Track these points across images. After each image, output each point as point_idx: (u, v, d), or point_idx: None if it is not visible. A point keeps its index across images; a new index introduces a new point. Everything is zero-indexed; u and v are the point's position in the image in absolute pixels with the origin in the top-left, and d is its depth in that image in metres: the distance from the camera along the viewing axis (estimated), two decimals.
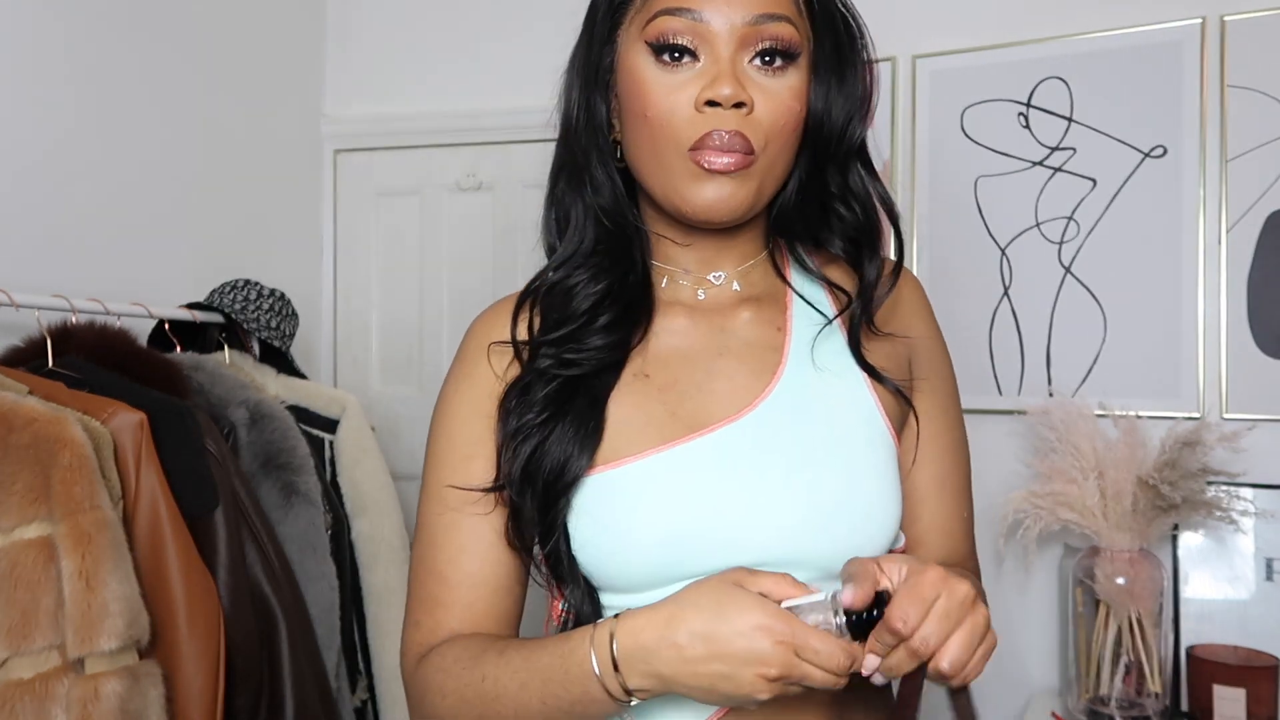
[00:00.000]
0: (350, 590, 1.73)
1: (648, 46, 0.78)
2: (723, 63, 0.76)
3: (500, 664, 0.74)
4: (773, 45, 0.77)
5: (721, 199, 0.77)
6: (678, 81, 0.77)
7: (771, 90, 0.78)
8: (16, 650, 1.10)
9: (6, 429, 1.14)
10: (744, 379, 0.82)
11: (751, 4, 0.77)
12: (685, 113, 0.77)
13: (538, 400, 0.80)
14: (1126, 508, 1.64)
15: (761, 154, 0.77)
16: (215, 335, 1.78)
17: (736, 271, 0.87)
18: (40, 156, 1.68)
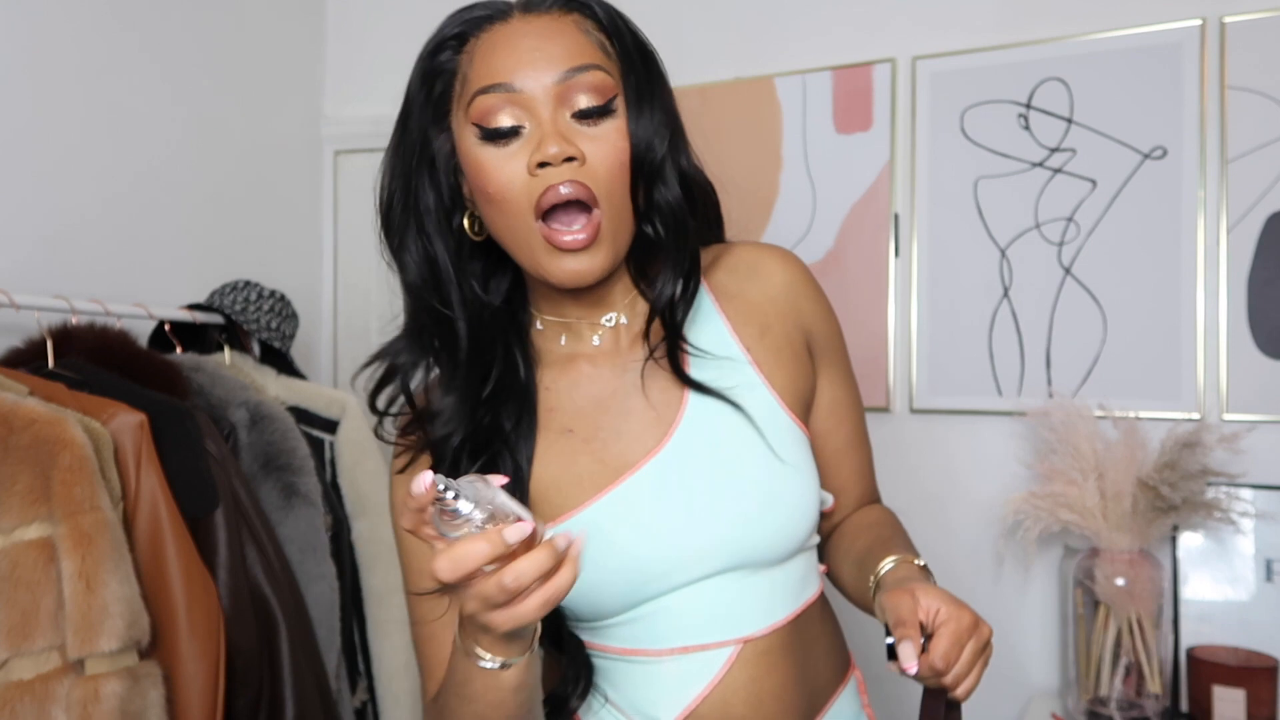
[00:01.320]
0: (350, 591, 1.73)
1: (476, 128, 0.82)
2: (545, 124, 0.80)
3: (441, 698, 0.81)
4: (589, 100, 0.81)
5: (582, 270, 0.82)
6: (510, 153, 0.81)
7: (597, 137, 0.81)
8: (17, 651, 1.10)
9: (7, 430, 1.15)
10: (655, 412, 0.88)
11: (558, 60, 0.80)
12: (521, 180, 0.80)
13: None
14: (1126, 509, 1.65)
15: (606, 203, 0.81)
16: (215, 336, 1.78)
17: (624, 306, 0.92)
18: (40, 157, 1.68)
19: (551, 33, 0.82)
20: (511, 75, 0.80)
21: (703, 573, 0.85)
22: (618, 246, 0.84)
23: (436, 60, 0.87)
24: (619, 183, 0.82)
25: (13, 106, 1.63)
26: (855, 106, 2.02)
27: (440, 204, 0.88)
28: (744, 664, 0.85)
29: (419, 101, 0.89)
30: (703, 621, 0.85)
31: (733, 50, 2.15)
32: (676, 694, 0.86)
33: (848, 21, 2.05)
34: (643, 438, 0.87)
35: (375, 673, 1.75)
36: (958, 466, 1.94)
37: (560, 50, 0.81)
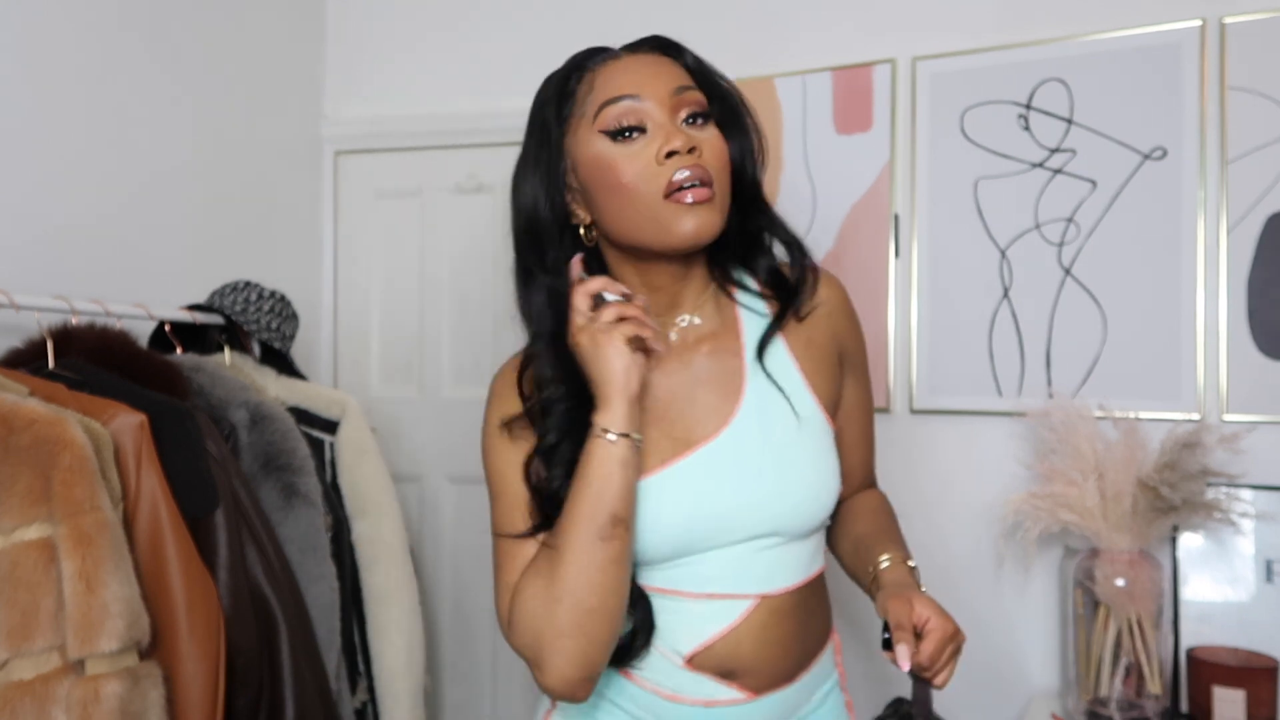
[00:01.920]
0: (350, 591, 1.73)
1: (603, 134, 0.99)
2: (667, 126, 0.98)
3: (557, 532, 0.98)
4: (694, 109, 1.00)
5: (701, 225, 0.97)
6: (636, 150, 0.98)
7: (705, 139, 1.00)
8: (17, 651, 1.11)
9: (7, 430, 1.15)
10: (716, 401, 1.05)
11: (668, 80, 1.00)
12: (651, 170, 0.97)
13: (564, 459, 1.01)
14: (1126, 509, 1.65)
15: (717, 186, 0.99)
16: (216, 337, 1.78)
17: (696, 308, 1.09)
18: (41, 158, 1.68)
19: (657, 64, 1.02)
20: (634, 89, 0.99)
21: (741, 537, 1.03)
22: (722, 219, 0.99)
23: (566, 87, 1.04)
24: (724, 173, 1.00)
25: (13, 107, 1.63)
26: (855, 107, 2.02)
27: (563, 218, 1.06)
28: (758, 615, 1.04)
29: (553, 120, 1.05)
30: (732, 576, 1.04)
31: (733, 50, 2.15)
32: (698, 630, 1.04)
33: (848, 22, 2.05)
34: (705, 423, 1.05)
35: (375, 673, 1.75)
36: (957, 467, 1.94)
37: (668, 74, 1.00)
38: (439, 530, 2.42)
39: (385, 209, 2.48)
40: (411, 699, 1.77)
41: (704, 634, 1.04)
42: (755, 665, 1.05)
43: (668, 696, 1.06)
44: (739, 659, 1.04)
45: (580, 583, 0.94)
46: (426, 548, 2.42)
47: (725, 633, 1.04)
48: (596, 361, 0.96)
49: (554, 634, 0.95)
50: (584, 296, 0.98)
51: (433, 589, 2.40)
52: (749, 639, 1.04)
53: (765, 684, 1.06)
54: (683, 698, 1.05)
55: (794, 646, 1.08)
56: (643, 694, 1.07)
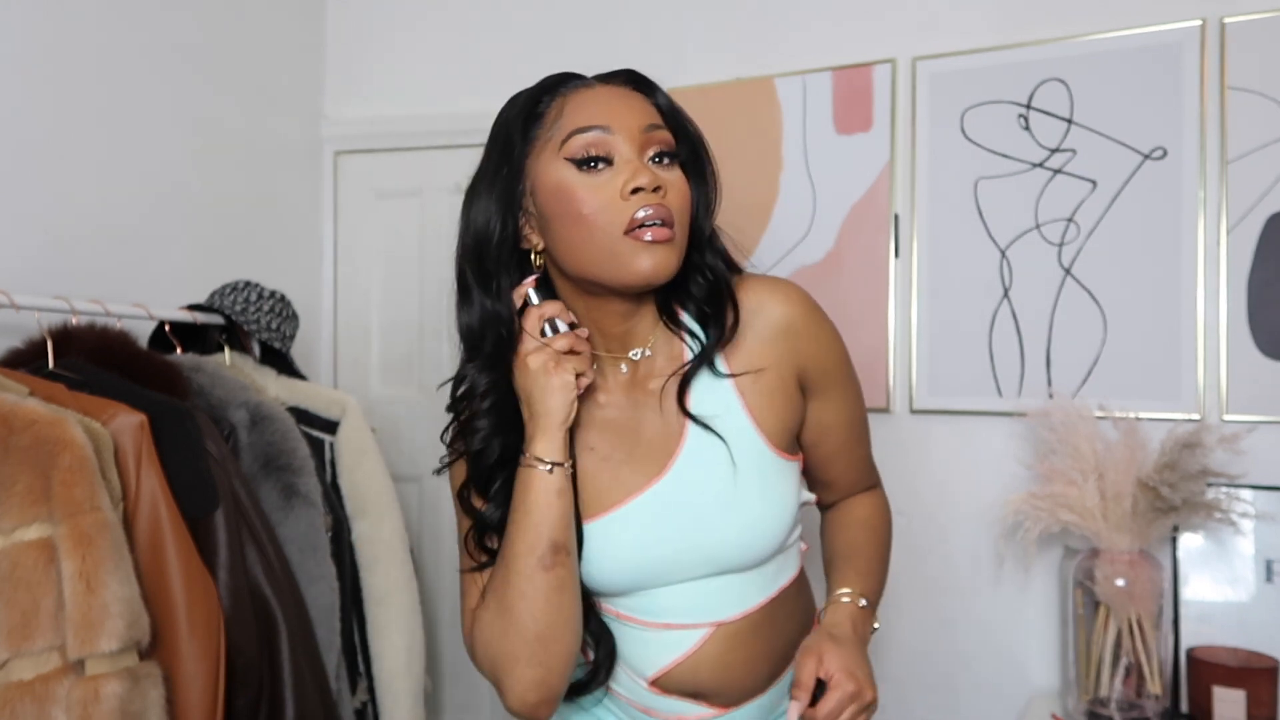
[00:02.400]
0: (350, 591, 1.73)
1: (569, 162, 0.96)
2: (634, 161, 0.96)
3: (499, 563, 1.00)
4: (662, 148, 0.98)
5: (658, 264, 0.95)
6: (600, 182, 0.95)
7: (671, 180, 0.98)
8: (17, 651, 1.11)
9: (7, 430, 1.15)
10: (660, 442, 1.04)
11: (640, 116, 0.98)
12: (614, 204, 0.94)
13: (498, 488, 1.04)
14: (1126, 509, 1.65)
15: (678, 227, 0.96)
16: (215, 337, 1.78)
17: (648, 342, 1.06)
18: (41, 158, 1.68)
19: (629, 98, 1.00)
20: (605, 120, 0.96)
21: (688, 576, 1.04)
22: (678, 260, 0.97)
23: (536, 108, 1.01)
24: (685, 215, 0.99)
25: (13, 107, 1.63)
26: (855, 107, 2.02)
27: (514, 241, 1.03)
28: (715, 642, 1.05)
29: (518, 139, 1.02)
30: (684, 608, 1.04)
31: (733, 50, 2.15)
32: (657, 657, 1.05)
33: (848, 22, 2.05)
34: (649, 464, 1.04)
35: (375, 673, 1.75)
36: (958, 467, 1.94)
37: (639, 110, 0.98)
38: (439, 530, 2.41)
39: (385, 209, 2.48)
40: (411, 699, 1.77)
41: (663, 660, 1.05)
42: (718, 687, 1.06)
43: (642, 710, 1.09)
44: (700, 682, 1.06)
45: (528, 612, 0.96)
46: (426, 548, 2.42)
47: (682, 659, 1.05)
48: (541, 390, 0.96)
49: (510, 661, 0.97)
50: (537, 320, 0.98)
51: (433, 589, 2.40)
52: (706, 664, 1.05)
53: (734, 700, 1.07)
54: (656, 713, 1.08)
55: (759, 664, 1.08)
56: (622, 706, 1.11)
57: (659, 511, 1.03)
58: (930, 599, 1.97)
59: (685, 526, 1.02)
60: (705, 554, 1.03)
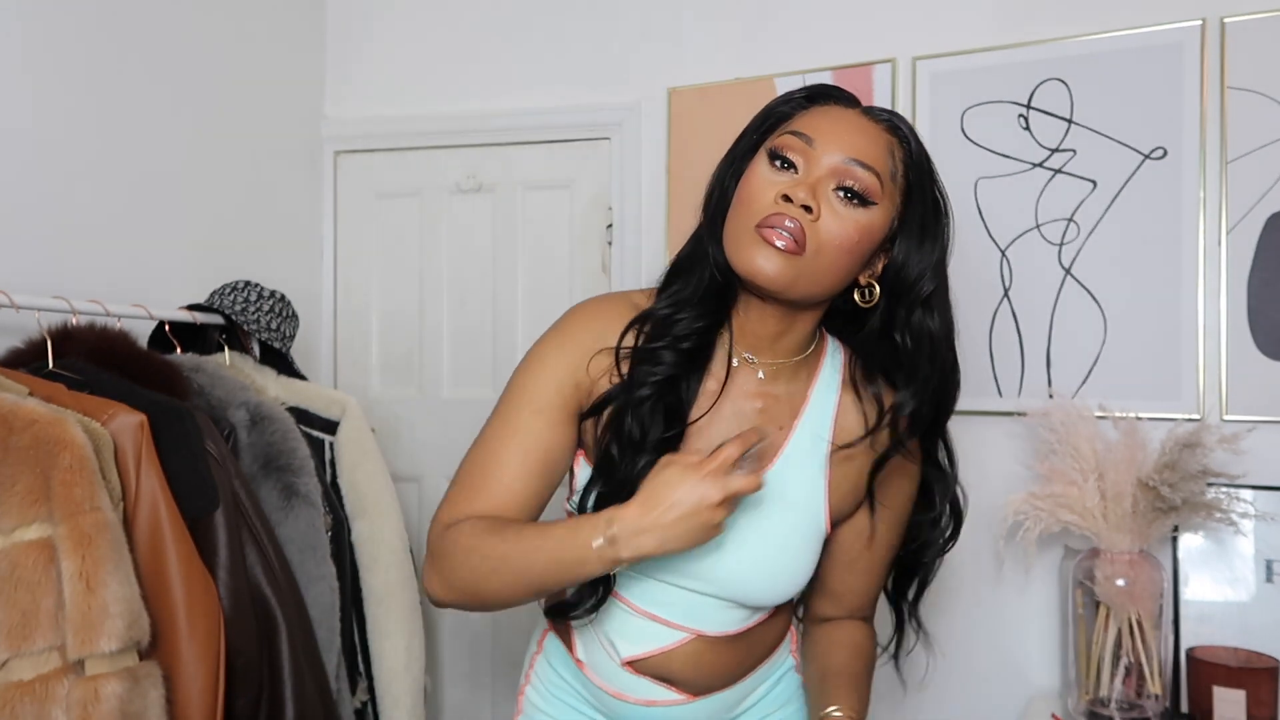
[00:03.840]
0: (350, 592, 1.73)
1: (767, 153, 1.00)
2: (810, 178, 0.97)
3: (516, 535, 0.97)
4: (855, 186, 0.97)
5: (767, 266, 0.96)
6: (774, 180, 0.98)
7: (841, 215, 0.96)
8: (17, 651, 1.10)
9: (7, 430, 1.15)
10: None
11: (851, 149, 0.97)
12: (766, 200, 0.97)
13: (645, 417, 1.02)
14: (1126, 509, 1.65)
15: (811, 255, 0.96)
16: (215, 337, 1.78)
17: (767, 363, 1.08)
18: (40, 158, 1.68)
19: (867, 134, 0.99)
20: (817, 135, 0.98)
21: (700, 589, 1.06)
22: (797, 284, 0.98)
23: (780, 108, 1.04)
24: (832, 255, 0.97)
25: (13, 107, 1.63)
26: None
27: (727, 198, 1.04)
28: (692, 646, 1.09)
29: (754, 128, 1.05)
30: (679, 612, 1.08)
31: (733, 50, 2.15)
32: (636, 641, 1.10)
33: (848, 22, 2.05)
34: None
35: (375, 673, 1.75)
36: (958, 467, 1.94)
37: (862, 145, 0.98)
38: None
39: (385, 209, 2.48)
40: (411, 699, 1.77)
41: (640, 646, 1.10)
42: (687, 680, 1.11)
43: (613, 693, 1.13)
44: (671, 674, 1.11)
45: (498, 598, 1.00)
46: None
47: (658, 652, 1.10)
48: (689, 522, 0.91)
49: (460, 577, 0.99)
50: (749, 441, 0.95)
51: None
52: (679, 661, 1.10)
53: (703, 690, 1.12)
54: (625, 696, 1.12)
55: (729, 668, 1.13)
56: (595, 687, 1.15)
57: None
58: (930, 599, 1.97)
59: (726, 544, 1.03)
60: (728, 579, 1.05)
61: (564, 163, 2.34)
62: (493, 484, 1.03)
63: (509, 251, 2.38)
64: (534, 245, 2.37)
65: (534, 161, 2.36)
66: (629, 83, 2.24)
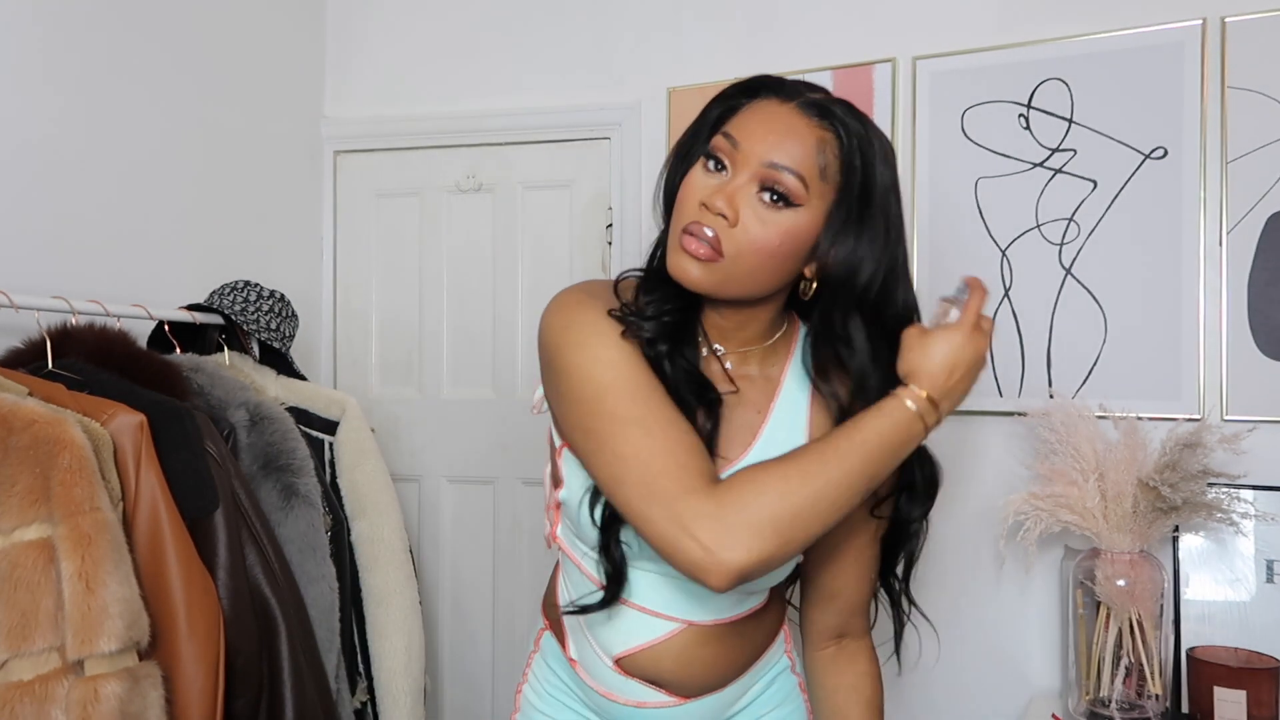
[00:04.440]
0: (350, 592, 1.73)
1: (704, 154, 1.00)
2: (734, 184, 0.97)
3: (818, 451, 0.93)
4: (775, 188, 0.96)
5: (686, 271, 0.98)
6: (704, 184, 0.99)
7: (764, 218, 0.96)
8: (16, 652, 1.10)
9: (6, 431, 1.14)
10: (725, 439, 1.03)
11: (776, 152, 0.96)
12: (692, 205, 0.98)
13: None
14: (1127, 509, 1.64)
15: (730, 260, 0.97)
16: (215, 337, 1.78)
17: (733, 351, 1.09)
18: (40, 158, 1.68)
19: (795, 133, 0.98)
20: (744, 137, 0.98)
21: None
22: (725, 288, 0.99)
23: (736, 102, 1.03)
24: (755, 260, 0.97)
25: (12, 107, 1.63)
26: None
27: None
28: (682, 638, 1.08)
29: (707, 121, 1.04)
30: (666, 600, 1.08)
31: (733, 50, 2.15)
32: (626, 637, 1.09)
33: (848, 21, 2.05)
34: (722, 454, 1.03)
35: (375, 673, 1.75)
36: (958, 467, 1.94)
37: (786, 147, 0.97)
38: (439, 530, 2.41)
39: (385, 209, 2.48)
40: (411, 699, 1.77)
41: (631, 641, 1.09)
42: (678, 679, 1.10)
43: (605, 694, 1.13)
44: (661, 672, 1.09)
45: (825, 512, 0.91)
46: (426, 548, 2.41)
47: (648, 646, 1.09)
48: (978, 360, 0.98)
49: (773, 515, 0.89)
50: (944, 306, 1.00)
51: (433, 589, 2.40)
52: (670, 656, 1.09)
53: (694, 692, 1.12)
54: (617, 697, 1.12)
55: (722, 665, 1.12)
56: (588, 687, 1.14)
57: None
58: (930, 599, 1.97)
59: None
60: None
61: (564, 163, 2.33)
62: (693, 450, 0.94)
63: (509, 251, 2.38)
64: (534, 245, 2.37)
65: (534, 161, 2.36)
66: (629, 83, 2.24)
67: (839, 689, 1.20)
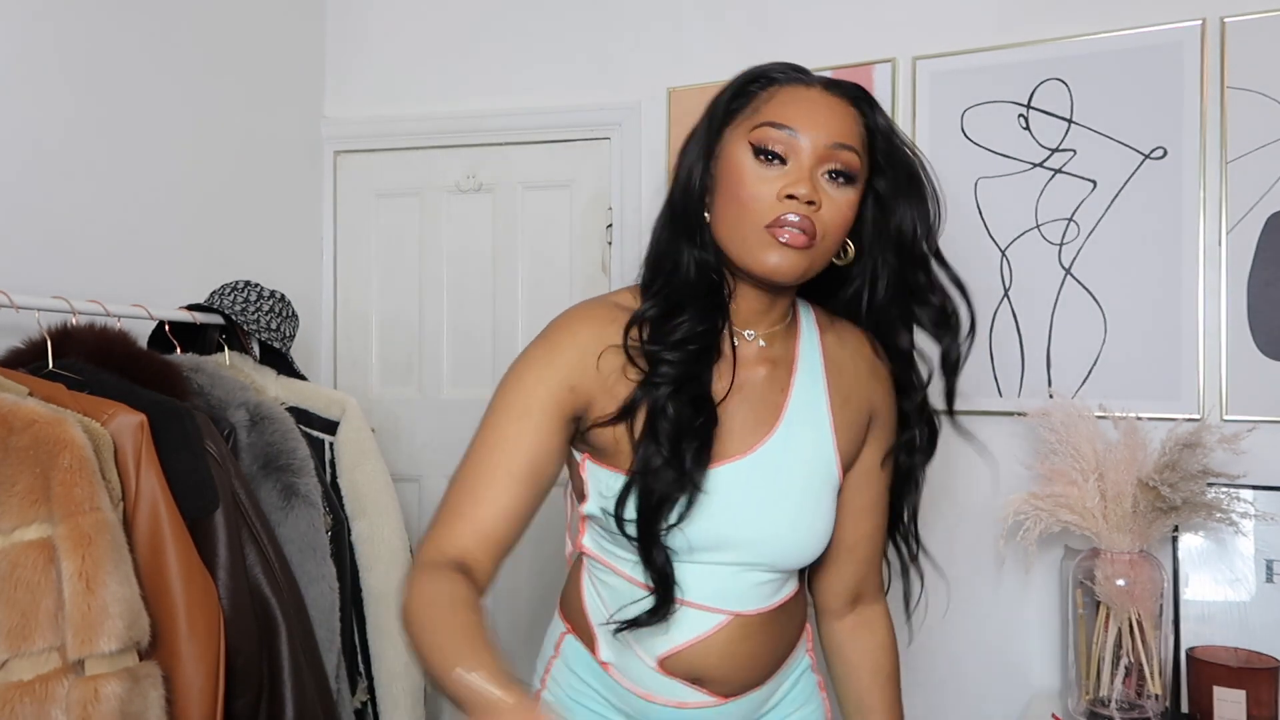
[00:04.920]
0: (350, 592, 1.73)
1: (750, 146, 1.02)
2: (804, 170, 1.01)
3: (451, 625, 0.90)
4: (842, 167, 1.02)
5: (785, 264, 1.01)
6: (767, 176, 1.01)
7: (834, 199, 1.02)
8: (16, 652, 1.10)
9: (7, 431, 1.15)
10: (751, 424, 1.08)
11: (832, 133, 1.02)
12: (769, 200, 1.01)
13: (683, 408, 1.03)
14: (1127, 509, 1.64)
15: (819, 243, 1.02)
16: (215, 337, 1.78)
17: (764, 333, 1.12)
18: (40, 158, 1.68)
19: (838, 112, 1.03)
20: (797, 124, 1.01)
21: (733, 560, 1.08)
22: (809, 270, 1.04)
23: (746, 88, 1.07)
24: (834, 237, 1.04)
25: (13, 106, 1.63)
26: None
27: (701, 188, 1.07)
28: (729, 630, 1.09)
29: (720, 111, 1.08)
30: (711, 590, 1.08)
31: (733, 50, 2.15)
32: (671, 635, 1.08)
33: (848, 21, 2.05)
34: (735, 441, 1.07)
35: (375, 673, 1.75)
36: (958, 466, 1.94)
37: (839, 126, 1.02)
38: None
39: (385, 208, 2.48)
40: (411, 699, 1.77)
41: (676, 640, 1.09)
42: (722, 674, 1.10)
43: (643, 695, 1.12)
44: (706, 668, 1.09)
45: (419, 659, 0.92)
46: None
47: (695, 642, 1.09)
48: None
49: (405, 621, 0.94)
50: None
51: None
52: (716, 651, 1.09)
53: (734, 690, 1.12)
54: (656, 698, 1.11)
55: (763, 658, 1.13)
56: (622, 689, 1.13)
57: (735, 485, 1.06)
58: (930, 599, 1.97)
59: (753, 508, 1.06)
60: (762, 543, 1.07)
61: (564, 163, 2.34)
62: (478, 504, 1.01)
63: (509, 251, 2.38)
64: (534, 245, 2.37)
65: (534, 161, 2.36)
66: (629, 83, 2.24)
67: (862, 667, 1.22)
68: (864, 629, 1.23)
